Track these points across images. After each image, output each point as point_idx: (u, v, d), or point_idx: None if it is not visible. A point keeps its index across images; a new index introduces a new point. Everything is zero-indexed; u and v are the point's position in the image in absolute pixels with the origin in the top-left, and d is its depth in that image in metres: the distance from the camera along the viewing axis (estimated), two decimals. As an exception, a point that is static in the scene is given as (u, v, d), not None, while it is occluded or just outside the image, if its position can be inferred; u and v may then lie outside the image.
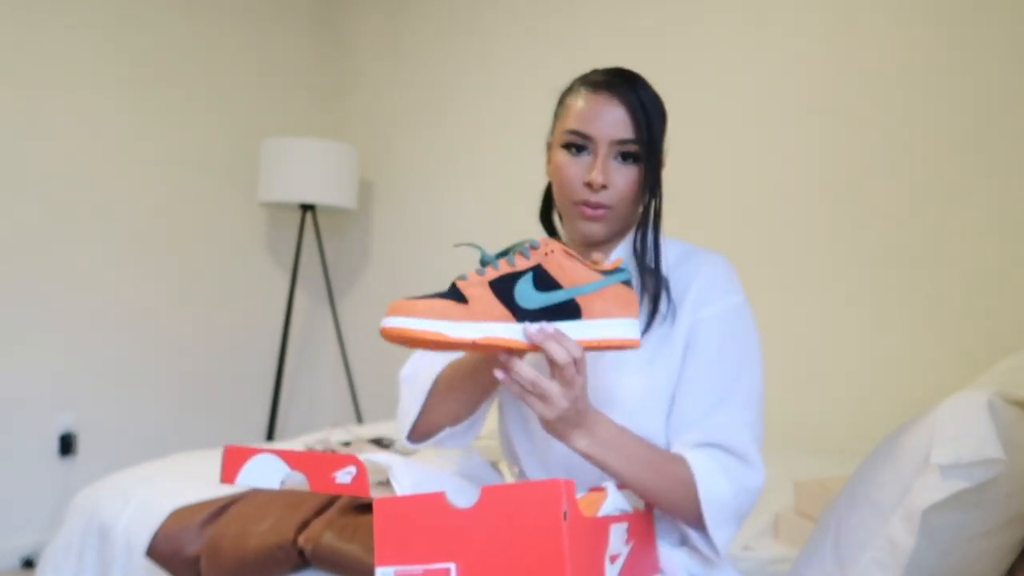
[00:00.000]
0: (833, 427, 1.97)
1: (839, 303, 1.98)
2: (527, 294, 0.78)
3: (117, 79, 2.69)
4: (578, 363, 0.78)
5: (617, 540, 0.77)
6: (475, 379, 0.96)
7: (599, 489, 0.85)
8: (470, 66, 2.89)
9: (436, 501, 0.69)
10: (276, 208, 3.13)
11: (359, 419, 3.10)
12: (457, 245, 0.89)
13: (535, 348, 0.78)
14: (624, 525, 0.79)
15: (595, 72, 0.98)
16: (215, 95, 2.97)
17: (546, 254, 0.80)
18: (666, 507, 0.88)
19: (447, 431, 1.01)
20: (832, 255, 2.00)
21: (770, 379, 2.23)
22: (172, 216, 2.85)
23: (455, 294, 0.77)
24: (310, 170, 2.80)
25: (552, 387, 0.78)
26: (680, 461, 0.87)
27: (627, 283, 0.82)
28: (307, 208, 2.96)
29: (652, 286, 0.94)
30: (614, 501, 0.80)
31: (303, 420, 3.28)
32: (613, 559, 0.76)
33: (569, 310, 0.79)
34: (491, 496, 0.68)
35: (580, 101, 0.95)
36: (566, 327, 0.79)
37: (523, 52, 2.71)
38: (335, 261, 3.35)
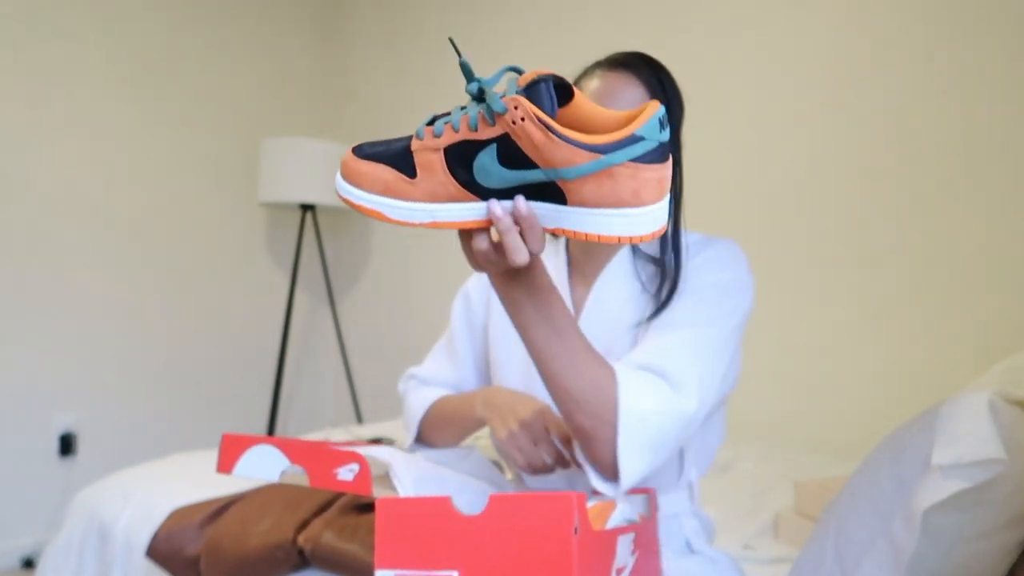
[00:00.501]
0: (833, 427, 1.97)
1: (839, 303, 1.98)
2: (489, 170, 0.60)
3: (117, 79, 2.69)
4: (534, 257, 0.65)
5: (624, 552, 0.75)
6: (459, 423, 1.00)
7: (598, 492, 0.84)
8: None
9: (441, 505, 0.67)
10: (276, 208, 3.13)
11: (359, 419, 3.10)
12: (451, 40, 0.66)
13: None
14: (631, 536, 0.77)
15: (613, 54, 0.94)
16: (215, 95, 2.97)
17: (513, 122, 0.58)
18: (575, 415, 0.76)
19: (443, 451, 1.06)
20: (832, 255, 2.00)
21: (771, 379, 2.23)
22: (172, 216, 2.85)
23: (405, 161, 0.62)
24: (310, 170, 2.80)
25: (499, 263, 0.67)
26: (608, 369, 0.76)
27: (648, 155, 0.58)
28: (307, 208, 2.96)
29: (672, 279, 0.89)
30: (622, 512, 0.77)
31: (303, 420, 3.28)
32: (619, 571, 0.74)
33: (549, 192, 0.60)
34: (499, 505, 0.66)
35: (595, 81, 0.91)
36: (546, 211, 0.61)
37: (523, 51, 2.71)
38: (335, 261, 3.35)
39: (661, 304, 0.88)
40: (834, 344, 1.99)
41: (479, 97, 0.61)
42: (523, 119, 0.58)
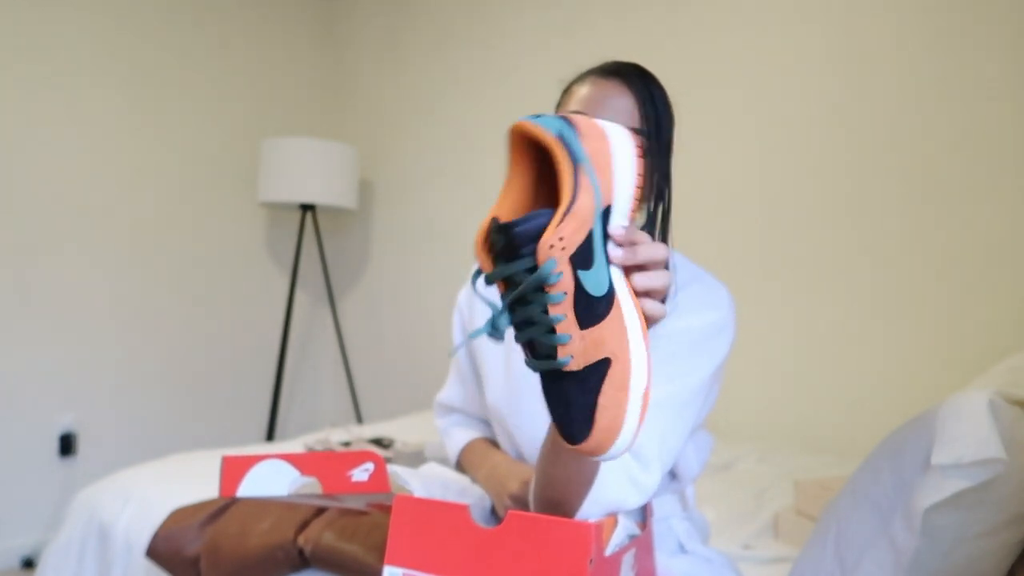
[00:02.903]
0: (833, 427, 1.97)
1: (839, 303, 1.98)
2: (594, 279, 0.55)
3: (118, 80, 2.69)
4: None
5: (627, 569, 0.75)
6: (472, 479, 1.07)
7: None
8: (470, 66, 2.89)
9: (459, 513, 0.67)
10: (276, 208, 3.13)
11: (359, 419, 3.10)
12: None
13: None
14: (633, 551, 0.77)
15: (608, 62, 0.93)
16: (215, 95, 2.97)
17: (551, 246, 0.53)
18: (550, 490, 0.77)
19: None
20: (833, 255, 2.00)
21: (772, 380, 2.22)
22: (172, 216, 2.85)
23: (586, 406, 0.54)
24: (310, 170, 2.80)
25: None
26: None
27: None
28: (307, 208, 2.96)
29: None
30: (624, 528, 0.77)
31: (303, 420, 3.28)
32: None
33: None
34: (517, 522, 0.65)
35: (586, 88, 0.90)
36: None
37: (523, 52, 2.71)
38: (335, 261, 3.35)
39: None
40: (835, 345, 1.99)
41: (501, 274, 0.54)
42: (564, 248, 0.53)
